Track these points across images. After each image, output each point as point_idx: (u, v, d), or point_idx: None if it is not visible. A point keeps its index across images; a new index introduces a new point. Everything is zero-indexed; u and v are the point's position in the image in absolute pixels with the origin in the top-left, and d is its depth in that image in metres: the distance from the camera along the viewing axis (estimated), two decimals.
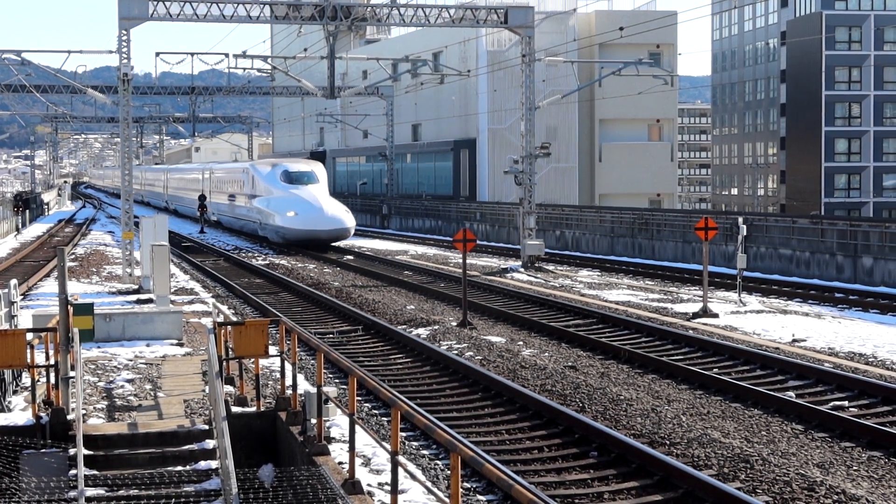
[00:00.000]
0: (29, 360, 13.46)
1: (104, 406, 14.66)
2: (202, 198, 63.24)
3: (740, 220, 30.25)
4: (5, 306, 16.52)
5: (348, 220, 45.64)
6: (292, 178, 47.73)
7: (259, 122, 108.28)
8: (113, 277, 33.17)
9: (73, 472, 11.94)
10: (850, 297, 28.44)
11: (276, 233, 46.30)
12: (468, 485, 11.53)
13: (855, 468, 12.29)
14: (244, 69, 51.28)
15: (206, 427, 13.29)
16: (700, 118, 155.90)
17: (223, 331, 14.31)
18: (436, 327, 22.91)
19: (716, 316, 23.80)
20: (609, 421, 14.35)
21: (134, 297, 27.29)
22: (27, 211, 69.89)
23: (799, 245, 34.48)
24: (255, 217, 50.01)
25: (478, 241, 36.62)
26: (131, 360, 17.92)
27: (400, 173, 71.06)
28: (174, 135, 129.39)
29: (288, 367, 14.03)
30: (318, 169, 48.96)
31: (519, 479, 11.52)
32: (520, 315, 24.29)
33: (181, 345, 19.51)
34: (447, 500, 8.32)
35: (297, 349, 15.18)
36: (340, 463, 11.71)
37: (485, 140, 65.57)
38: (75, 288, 28.49)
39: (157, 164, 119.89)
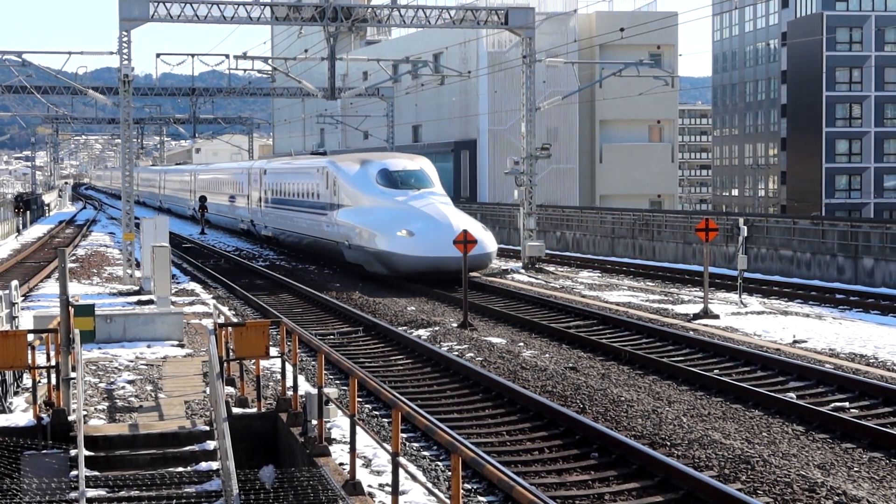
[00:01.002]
0: (30, 361, 13.48)
1: (105, 407, 14.67)
2: (202, 199, 63.27)
3: (741, 221, 30.29)
4: (6, 307, 16.54)
5: (489, 241, 32.41)
6: (396, 181, 34.34)
7: (259, 124, 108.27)
8: (114, 279, 33.18)
9: (74, 472, 11.95)
10: (851, 299, 28.44)
11: (379, 259, 32.35)
12: (469, 486, 11.53)
13: (856, 469, 12.29)
14: (245, 70, 51.24)
15: (207, 428, 13.31)
16: (701, 119, 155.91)
17: (224, 332, 14.32)
18: (436, 328, 22.91)
19: (717, 317, 23.80)
20: (610, 422, 14.35)
21: (135, 299, 27.30)
22: (28, 212, 69.93)
23: (800, 246, 34.48)
24: (336, 235, 35.87)
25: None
26: (132, 362, 17.93)
27: None
28: (174, 136, 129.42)
29: (289, 368, 14.04)
30: (426, 166, 35.78)
31: (520, 480, 11.53)
32: (520, 316, 24.29)
33: (182, 346, 19.53)
34: (448, 500, 8.32)
35: (298, 350, 15.19)
36: (341, 464, 11.72)
37: (485, 141, 65.58)
38: (76, 289, 28.51)
39: (178, 163, 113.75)
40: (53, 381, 13.80)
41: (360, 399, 15.46)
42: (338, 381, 17.16)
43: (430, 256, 30.83)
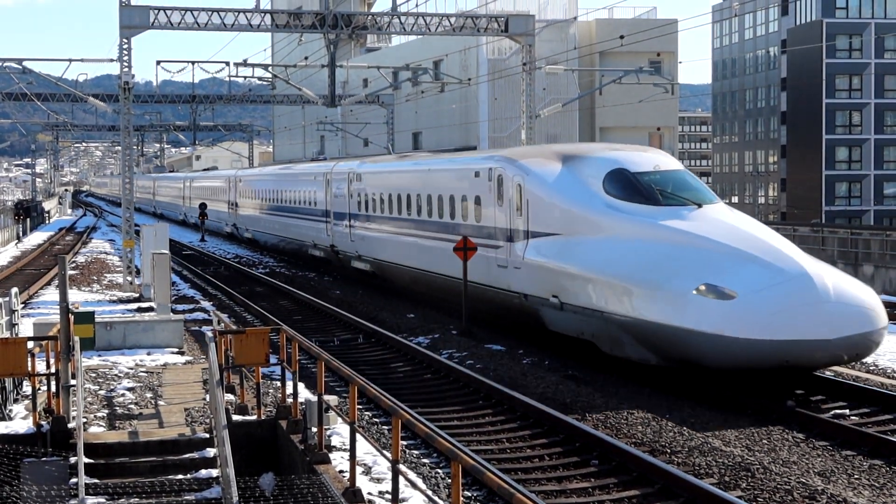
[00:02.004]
0: (30, 369, 13.47)
1: (105, 414, 14.67)
2: (202, 206, 63.23)
3: None
4: (6, 315, 16.54)
5: (880, 307, 17.00)
6: (648, 190, 19.61)
7: (260, 131, 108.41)
8: (114, 286, 33.17)
9: (73, 480, 11.94)
10: None
11: (648, 339, 17.35)
12: (469, 493, 11.52)
13: (856, 476, 12.28)
14: (245, 77, 51.29)
15: (207, 435, 13.30)
16: (701, 126, 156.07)
17: (224, 339, 14.32)
18: (437, 335, 22.89)
19: None
20: (610, 429, 14.34)
21: (135, 306, 27.29)
22: (28, 219, 69.95)
23: None
24: (523, 283, 21.48)
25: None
26: (132, 369, 17.93)
27: None
28: (175, 143, 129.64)
29: (289, 375, 14.03)
30: (681, 165, 21.38)
31: (520, 487, 11.52)
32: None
33: (182, 353, 19.53)
34: None
35: (298, 357, 15.17)
36: (341, 471, 11.71)
37: (485, 148, 65.60)
38: (76, 296, 28.50)
39: (209, 168, 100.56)
40: (53, 388, 13.80)
41: (360, 406, 15.44)
42: (338, 389, 17.15)
43: (776, 340, 15.90)
